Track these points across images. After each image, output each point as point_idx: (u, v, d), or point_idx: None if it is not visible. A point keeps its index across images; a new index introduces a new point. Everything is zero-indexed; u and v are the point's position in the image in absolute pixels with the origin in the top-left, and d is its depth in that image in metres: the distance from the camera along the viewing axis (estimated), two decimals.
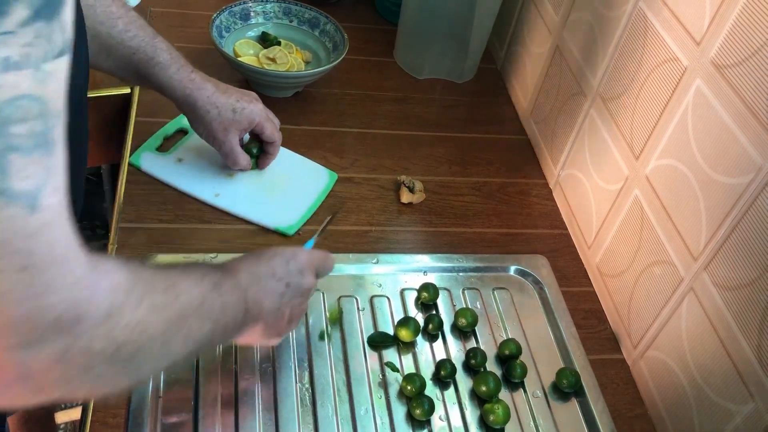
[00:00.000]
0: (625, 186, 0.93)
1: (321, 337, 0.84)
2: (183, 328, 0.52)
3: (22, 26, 0.34)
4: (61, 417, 1.48)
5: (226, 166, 1.00)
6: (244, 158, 0.97)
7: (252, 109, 0.94)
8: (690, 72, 0.79)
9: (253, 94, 0.97)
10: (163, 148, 1.02)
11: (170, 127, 1.04)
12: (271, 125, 0.97)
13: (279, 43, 1.19)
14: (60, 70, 0.37)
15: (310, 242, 0.83)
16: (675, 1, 0.82)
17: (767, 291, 0.68)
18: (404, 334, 0.85)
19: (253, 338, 0.70)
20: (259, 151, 1.00)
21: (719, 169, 0.75)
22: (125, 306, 0.44)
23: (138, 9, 1.27)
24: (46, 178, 0.37)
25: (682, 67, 0.81)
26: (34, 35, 0.35)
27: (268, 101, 1.15)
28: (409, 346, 0.86)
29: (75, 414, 1.49)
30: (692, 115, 0.79)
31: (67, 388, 0.43)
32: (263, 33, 1.20)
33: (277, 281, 0.68)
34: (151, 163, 0.99)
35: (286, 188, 1.01)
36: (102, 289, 0.42)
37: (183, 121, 1.05)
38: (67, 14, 0.37)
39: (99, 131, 1.14)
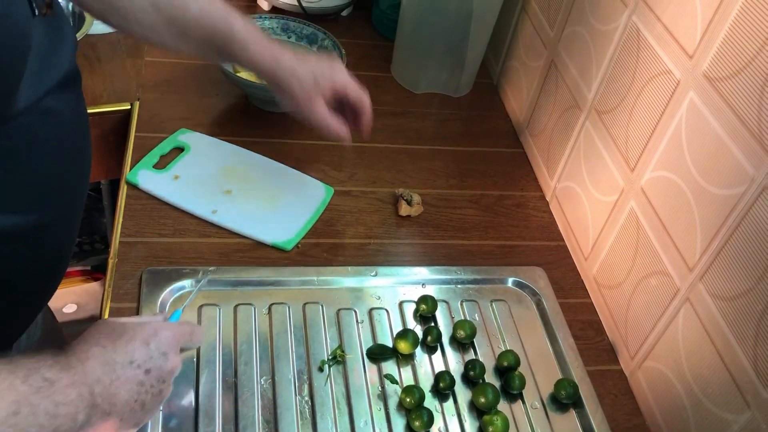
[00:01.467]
0: (621, 198, 0.94)
1: (321, 368, 0.83)
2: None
3: None
4: None
5: (224, 180, 1.00)
6: (336, 123, 0.91)
7: (332, 72, 0.90)
8: (683, 85, 0.81)
9: (332, 57, 0.92)
10: (160, 165, 1.02)
11: (166, 145, 1.05)
12: (353, 85, 0.92)
13: None
14: None
15: (177, 313, 0.73)
16: (667, 15, 0.84)
17: (762, 300, 0.69)
18: (403, 347, 0.86)
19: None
20: None
21: (713, 181, 0.76)
22: None
23: None
24: None
25: (675, 80, 0.82)
26: None
27: (267, 116, 1.16)
28: (408, 359, 0.87)
29: None
30: (686, 128, 0.80)
31: None
32: None
33: (136, 368, 0.61)
34: (148, 180, 1.00)
35: (283, 203, 1.01)
36: None
37: (178, 139, 1.06)
38: None
39: (99, 147, 1.14)
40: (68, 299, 1.57)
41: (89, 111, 1.09)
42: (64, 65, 0.67)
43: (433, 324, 0.91)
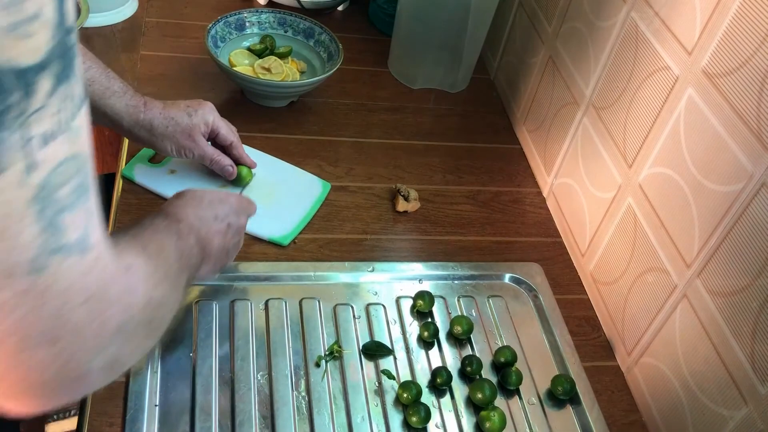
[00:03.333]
0: (618, 194, 0.94)
1: (317, 364, 0.83)
2: (180, 280, 0.61)
3: (50, 97, 0.35)
4: (53, 429, 1.48)
5: (219, 177, 1.00)
6: (221, 156, 0.97)
7: (203, 110, 0.95)
8: (681, 81, 0.80)
9: (200, 99, 0.97)
10: (156, 159, 1.02)
11: None
12: (224, 123, 0.97)
13: (273, 50, 1.19)
14: (84, 118, 0.39)
15: (236, 190, 0.92)
16: (666, 11, 0.84)
17: (760, 297, 0.69)
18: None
19: (205, 272, 0.75)
20: (247, 173, 1.00)
21: (711, 177, 0.76)
22: (153, 292, 0.51)
23: (132, 20, 1.28)
24: (89, 219, 0.41)
25: (673, 76, 0.82)
26: (60, 100, 0.36)
27: (264, 111, 1.16)
28: (405, 355, 0.86)
29: (67, 425, 1.48)
30: (684, 124, 0.80)
31: (121, 371, 0.50)
32: (263, 37, 1.21)
33: (220, 222, 0.75)
34: (144, 175, 0.99)
35: (280, 199, 1.01)
36: (139, 285, 0.49)
37: None
38: (79, 62, 0.37)
39: (94, 140, 1.13)
40: None
41: None
42: None
43: (430, 320, 0.91)
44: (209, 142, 0.98)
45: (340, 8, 1.44)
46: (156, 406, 0.76)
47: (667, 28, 0.83)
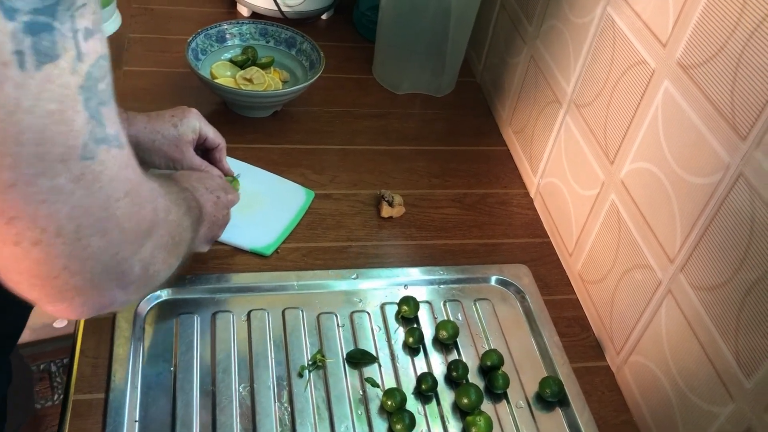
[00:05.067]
0: (602, 191, 0.92)
1: (300, 374, 0.82)
2: (189, 217, 0.67)
3: None
4: None
5: None
6: (210, 167, 0.94)
7: (189, 118, 0.92)
8: (658, 74, 0.79)
9: (184, 106, 0.95)
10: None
11: None
12: (211, 129, 0.95)
13: (255, 61, 1.19)
14: (105, 30, 0.44)
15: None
16: (640, 4, 0.83)
17: (742, 290, 0.67)
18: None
19: (202, 236, 0.80)
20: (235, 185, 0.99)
21: (690, 170, 0.75)
22: (170, 206, 0.58)
23: (116, 36, 1.28)
24: (118, 121, 0.45)
25: (650, 69, 0.81)
26: (96, 2, 0.42)
27: (248, 122, 1.16)
28: (390, 361, 0.85)
29: None
30: (662, 117, 0.79)
31: (154, 282, 0.55)
32: (245, 48, 1.20)
33: (210, 193, 0.81)
34: None
35: (263, 209, 1.00)
36: (160, 197, 0.54)
37: None
38: None
39: None
40: None
41: None
42: None
43: (415, 325, 0.90)
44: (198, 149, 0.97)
45: (323, 17, 1.44)
46: (136, 421, 0.75)
47: (642, 21, 0.82)
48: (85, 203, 0.44)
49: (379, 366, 0.85)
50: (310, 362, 0.83)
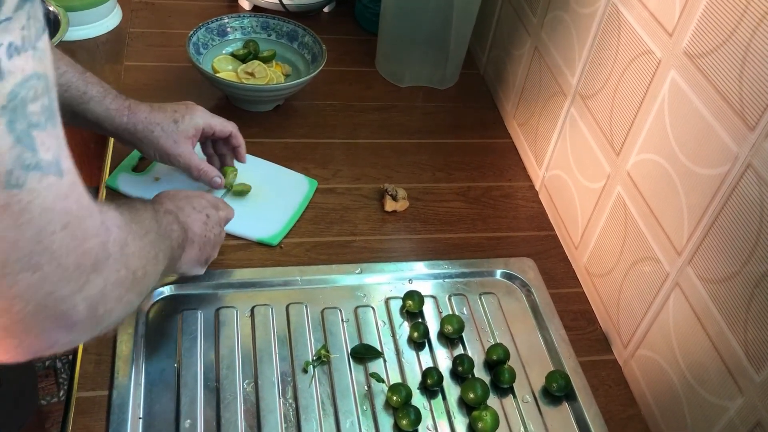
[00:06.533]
0: (608, 183, 0.91)
1: (305, 369, 0.81)
2: (159, 246, 0.62)
3: (16, 10, 0.37)
4: None
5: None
6: (208, 166, 0.93)
7: (192, 115, 0.92)
8: (664, 64, 0.78)
9: (190, 102, 0.94)
10: (139, 168, 1.01)
11: None
12: (218, 121, 0.94)
13: (257, 55, 1.18)
14: (47, 43, 0.40)
15: (217, 193, 0.95)
16: None
17: (751, 282, 0.67)
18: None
19: (190, 263, 0.77)
20: (233, 175, 0.99)
21: (697, 161, 0.74)
22: (129, 239, 0.53)
23: (116, 31, 1.27)
24: (60, 145, 0.41)
25: (656, 59, 0.80)
26: (25, 18, 0.38)
27: (250, 116, 1.15)
28: (394, 356, 0.85)
29: None
30: (668, 108, 0.78)
31: (107, 322, 0.50)
32: (246, 42, 1.20)
33: (199, 212, 0.78)
34: (129, 184, 0.98)
35: (267, 199, 1.00)
36: (114, 228, 0.50)
37: None
38: None
39: (79, 154, 1.13)
40: None
41: None
42: None
43: (420, 320, 0.89)
44: (208, 141, 0.97)
45: (325, 9, 1.43)
46: (140, 418, 0.75)
47: (648, 10, 0.81)
48: (10, 236, 0.39)
49: (384, 361, 0.84)
50: (314, 358, 0.82)
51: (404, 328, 0.88)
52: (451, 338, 0.88)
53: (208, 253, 0.81)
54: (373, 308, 0.90)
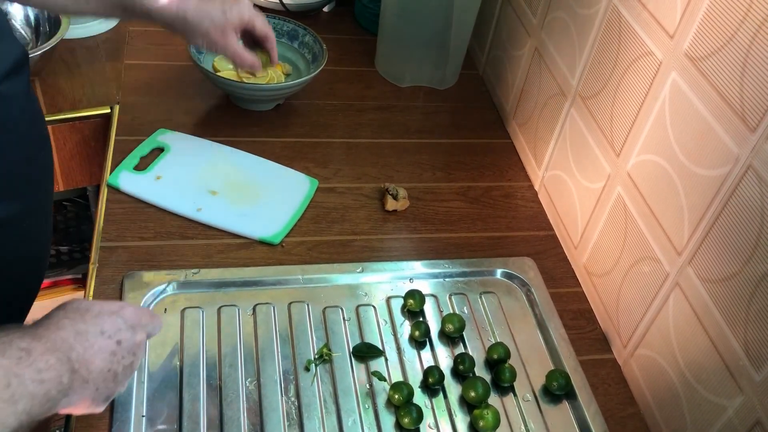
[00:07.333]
0: (608, 184, 0.92)
1: (307, 368, 0.82)
2: (29, 392, 0.51)
3: None
4: None
5: (204, 181, 0.99)
6: (249, 56, 0.99)
7: (240, 7, 0.96)
8: (665, 66, 0.79)
9: None
10: (140, 167, 1.01)
11: (145, 146, 1.03)
12: (260, 19, 0.99)
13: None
14: None
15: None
16: None
17: (751, 282, 0.67)
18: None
19: (80, 405, 0.60)
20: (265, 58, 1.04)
21: (698, 162, 0.74)
22: None
23: (116, 30, 1.27)
24: None
25: (657, 61, 0.80)
26: None
27: (250, 115, 1.15)
28: (395, 355, 0.85)
29: None
30: (669, 109, 0.79)
31: None
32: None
33: (108, 338, 0.61)
34: (130, 182, 0.98)
35: (268, 198, 1.00)
36: None
37: (157, 139, 1.05)
38: None
39: (80, 152, 1.13)
40: None
41: (69, 116, 1.09)
42: (12, 52, 0.67)
43: (421, 319, 0.89)
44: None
45: (325, 9, 1.43)
46: (143, 416, 0.75)
47: (649, 12, 0.82)
48: None
49: (386, 360, 0.84)
50: (316, 356, 0.83)
51: (405, 327, 0.88)
52: (452, 337, 0.88)
53: (111, 390, 0.63)
54: (374, 307, 0.90)
